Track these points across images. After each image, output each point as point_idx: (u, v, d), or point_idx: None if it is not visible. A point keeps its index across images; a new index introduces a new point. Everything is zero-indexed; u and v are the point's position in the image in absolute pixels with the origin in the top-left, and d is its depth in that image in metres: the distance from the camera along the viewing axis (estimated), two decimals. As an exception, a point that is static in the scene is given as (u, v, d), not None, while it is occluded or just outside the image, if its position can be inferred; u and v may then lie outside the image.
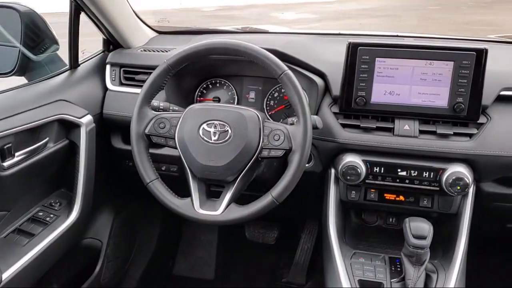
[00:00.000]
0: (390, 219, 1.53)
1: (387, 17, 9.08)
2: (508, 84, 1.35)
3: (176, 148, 1.25)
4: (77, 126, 1.49)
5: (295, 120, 1.23)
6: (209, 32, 1.91)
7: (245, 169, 1.22)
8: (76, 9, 1.50)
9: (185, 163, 1.25)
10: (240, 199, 1.25)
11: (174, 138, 1.26)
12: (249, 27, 2.12)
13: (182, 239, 2.31)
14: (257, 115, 1.24)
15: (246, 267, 2.26)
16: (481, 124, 1.33)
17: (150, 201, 1.29)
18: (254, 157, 1.21)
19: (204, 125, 1.22)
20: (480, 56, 1.26)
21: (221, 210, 1.21)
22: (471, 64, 1.27)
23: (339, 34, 1.76)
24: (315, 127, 1.25)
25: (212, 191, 1.30)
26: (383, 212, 1.53)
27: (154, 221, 2.15)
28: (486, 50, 1.26)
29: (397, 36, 1.71)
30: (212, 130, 1.22)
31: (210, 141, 1.21)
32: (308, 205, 1.81)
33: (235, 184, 1.23)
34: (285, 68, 1.21)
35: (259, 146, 1.21)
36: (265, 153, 1.22)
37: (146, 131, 1.27)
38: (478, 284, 1.58)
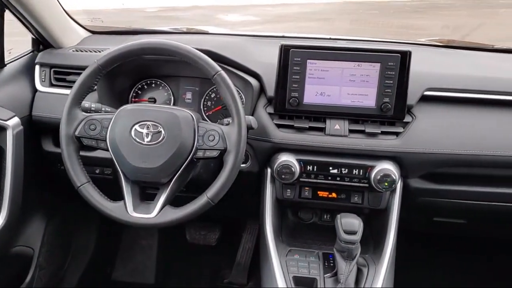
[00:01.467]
0: (325, 216, 1.58)
1: (326, 21, 9.33)
2: (432, 84, 1.42)
3: (107, 150, 1.23)
4: (2, 129, 1.42)
5: (230, 121, 1.24)
6: (145, 32, 1.89)
7: (180, 171, 1.21)
8: (0, 6, 1.44)
9: (117, 165, 1.23)
10: (177, 201, 1.24)
11: (105, 140, 1.23)
12: (187, 28, 2.11)
13: (121, 243, 2.26)
14: (191, 116, 1.24)
15: (187, 269, 2.25)
16: (407, 123, 1.39)
17: (85, 205, 1.26)
18: (189, 158, 1.21)
19: (136, 126, 1.21)
20: (404, 58, 1.32)
21: (155, 212, 1.20)
22: (396, 65, 1.33)
23: (275, 36, 1.79)
24: (250, 127, 1.27)
25: (148, 194, 1.28)
26: (318, 209, 1.58)
27: (90, 225, 2.08)
28: (410, 52, 1.32)
29: (329, 38, 1.76)
30: (144, 131, 1.20)
31: (143, 142, 1.20)
32: (248, 205, 1.83)
33: (170, 186, 1.22)
34: (219, 68, 1.22)
35: (194, 146, 1.21)
36: (200, 153, 1.22)
37: (76, 133, 1.24)
38: (408, 275, 1.65)
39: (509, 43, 1.95)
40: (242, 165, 1.45)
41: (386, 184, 1.34)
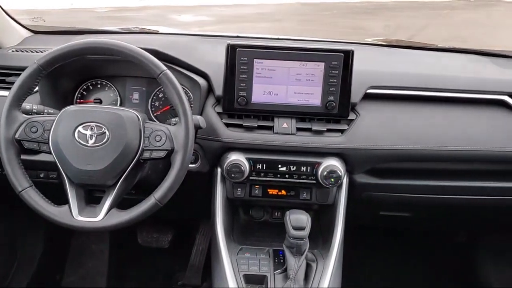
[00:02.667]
0: (276, 214, 1.60)
1: (280, 22, 9.44)
2: (374, 82, 1.47)
3: (50, 153, 1.20)
4: None
5: (177, 121, 1.23)
6: (91, 32, 1.85)
7: (126, 172, 1.20)
8: None
9: (60, 168, 1.19)
10: (127, 204, 1.22)
11: (47, 143, 1.20)
12: (136, 28, 2.08)
13: (71, 249, 2.19)
14: (137, 116, 1.22)
15: (140, 273, 2.21)
16: (351, 120, 1.43)
17: (30, 211, 1.22)
18: (135, 159, 1.19)
19: (80, 128, 1.18)
20: (347, 57, 1.36)
21: (101, 216, 1.18)
22: (340, 64, 1.36)
23: (224, 36, 1.80)
24: (198, 127, 1.27)
25: (96, 197, 1.26)
26: (269, 207, 1.59)
27: (38, 231, 2.01)
28: (353, 52, 1.36)
29: (277, 38, 1.78)
30: (88, 132, 1.18)
31: (87, 144, 1.17)
32: (200, 206, 1.82)
33: (116, 188, 1.20)
34: (164, 68, 1.21)
35: (140, 147, 1.20)
36: (146, 154, 1.21)
37: (16, 136, 1.19)
38: (356, 269, 1.71)
39: (452, 42, 2.04)
40: (191, 165, 1.45)
41: (332, 180, 1.37)
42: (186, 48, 1.53)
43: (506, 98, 1.48)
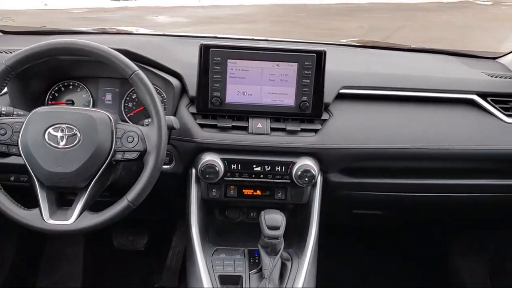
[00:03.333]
0: (252, 214, 1.59)
1: (256, 23, 9.48)
2: (347, 83, 1.49)
3: (20, 155, 1.18)
4: None
5: (150, 121, 1.22)
6: (62, 32, 1.82)
7: (98, 174, 1.18)
8: None
9: (30, 171, 1.18)
10: (101, 206, 1.21)
11: (17, 145, 1.17)
12: (109, 28, 2.06)
13: (44, 253, 2.15)
14: (109, 117, 1.21)
15: (116, 276, 2.19)
16: (325, 120, 1.44)
17: (1, 214, 1.19)
18: (107, 161, 1.18)
19: (50, 129, 1.16)
20: (320, 57, 1.37)
21: (73, 219, 1.17)
22: (313, 65, 1.37)
23: (198, 36, 1.79)
24: (171, 128, 1.26)
25: (67, 200, 1.24)
26: (245, 207, 1.59)
27: (9, 236, 1.97)
28: (325, 52, 1.37)
29: (252, 39, 1.78)
30: (59, 134, 1.16)
31: (58, 146, 1.16)
32: (175, 207, 1.81)
33: (88, 191, 1.19)
34: (136, 68, 1.20)
35: (112, 149, 1.19)
36: (119, 156, 1.20)
37: None
38: (331, 267, 1.72)
39: (426, 43, 2.09)
40: (166, 167, 1.45)
41: (306, 179, 1.38)
42: (159, 49, 1.53)
43: (474, 97, 1.52)
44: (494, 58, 1.79)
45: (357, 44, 1.97)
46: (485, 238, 1.96)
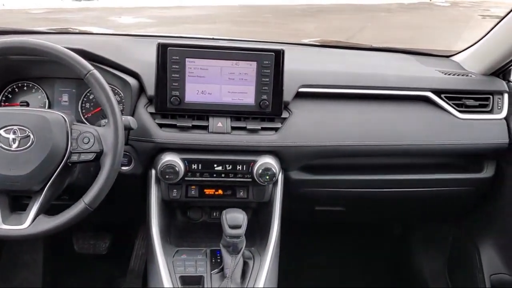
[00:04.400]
0: (214, 214, 1.59)
1: (220, 23, 9.48)
2: (306, 81, 1.50)
3: None
4: None
5: (106, 122, 1.20)
6: (17, 32, 1.75)
7: (53, 177, 1.16)
8: None
9: None
10: (58, 210, 1.18)
11: None
12: (68, 28, 2.02)
13: (2, 260, 2.08)
14: (64, 118, 1.18)
15: (78, 281, 2.13)
16: (285, 118, 1.45)
17: None
18: (63, 163, 1.16)
19: (2, 132, 1.13)
20: (278, 56, 1.38)
21: (28, 223, 1.13)
22: (271, 64, 1.38)
23: (157, 36, 1.77)
24: (129, 128, 1.24)
25: (22, 204, 1.20)
26: (207, 207, 1.58)
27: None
28: (283, 51, 1.38)
29: (212, 38, 1.78)
30: (11, 136, 1.13)
31: (10, 148, 1.12)
32: (137, 209, 1.78)
33: (43, 194, 1.16)
34: (91, 67, 1.18)
35: (67, 150, 1.16)
36: (74, 157, 1.17)
37: None
38: (294, 264, 1.74)
39: (388, 44, 2.13)
40: (125, 168, 1.42)
41: (267, 177, 1.39)
42: (116, 48, 1.50)
43: (429, 94, 1.56)
44: (448, 56, 1.84)
45: (318, 43, 1.99)
46: (444, 232, 2.01)
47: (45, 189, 1.15)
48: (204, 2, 12.36)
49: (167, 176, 1.36)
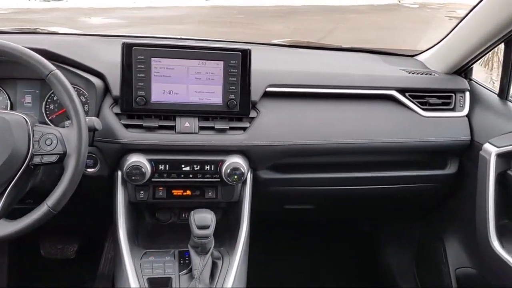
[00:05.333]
0: (183, 215, 1.58)
1: (191, 24, 9.44)
2: (273, 81, 1.51)
3: None
4: None
5: (70, 123, 1.18)
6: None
7: (15, 180, 1.13)
8: None
9: None
10: (21, 213, 1.15)
11: None
12: (30, 28, 1.97)
13: None
14: (25, 119, 1.16)
15: (45, 287, 2.08)
16: (253, 118, 1.46)
17: None
18: (24, 165, 1.13)
19: None
20: (245, 56, 1.38)
21: None
22: (238, 63, 1.38)
23: (123, 36, 1.75)
24: (93, 129, 1.23)
25: None
26: (176, 208, 1.57)
27: None
28: (250, 51, 1.38)
29: (180, 38, 1.77)
30: None
31: None
32: (105, 212, 1.76)
33: (4, 198, 1.13)
34: (53, 67, 1.16)
35: (29, 152, 1.14)
36: (37, 160, 1.15)
37: None
38: (264, 262, 1.74)
39: (358, 44, 2.17)
40: (90, 170, 1.40)
41: (236, 177, 1.39)
42: (81, 48, 1.48)
43: (394, 92, 1.59)
44: (412, 56, 1.88)
45: (288, 44, 2.00)
46: (411, 228, 2.06)
47: (6, 192, 1.12)
48: (175, 3, 12.28)
49: (133, 178, 1.35)
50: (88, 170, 1.39)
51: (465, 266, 1.70)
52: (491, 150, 1.46)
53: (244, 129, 1.44)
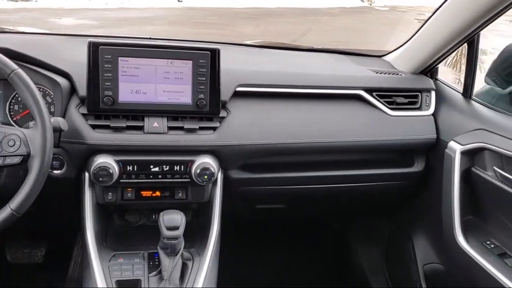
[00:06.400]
0: (153, 216, 1.56)
1: (163, 25, 9.38)
2: (243, 81, 1.51)
3: None
4: None
5: (34, 123, 1.15)
6: None
7: None
8: None
9: None
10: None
11: None
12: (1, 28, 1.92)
13: None
14: None
15: None
16: (223, 117, 1.45)
17: None
18: None
19: None
20: (214, 55, 1.38)
21: None
22: (207, 63, 1.38)
23: (91, 35, 1.72)
24: (59, 129, 1.20)
25: None
26: (145, 210, 1.55)
27: None
28: (219, 50, 1.38)
29: (150, 38, 1.75)
30: None
31: None
32: (72, 214, 1.72)
33: None
34: (15, 67, 1.13)
35: None
36: None
37: None
38: (235, 263, 1.74)
39: (330, 46, 2.19)
40: (57, 172, 1.37)
41: (206, 177, 1.38)
42: (46, 47, 1.45)
43: (361, 92, 1.61)
44: (380, 56, 1.91)
45: (259, 45, 2.01)
46: (380, 226, 2.09)
47: None
48: (148, 4, 12.17)
49: (100, 179, 1.32)
50: (55, 171, 1.36)
51: (432, 262, 1.74)
52: (456, 148, 1.49)
53: (214, 129, 1.43)
